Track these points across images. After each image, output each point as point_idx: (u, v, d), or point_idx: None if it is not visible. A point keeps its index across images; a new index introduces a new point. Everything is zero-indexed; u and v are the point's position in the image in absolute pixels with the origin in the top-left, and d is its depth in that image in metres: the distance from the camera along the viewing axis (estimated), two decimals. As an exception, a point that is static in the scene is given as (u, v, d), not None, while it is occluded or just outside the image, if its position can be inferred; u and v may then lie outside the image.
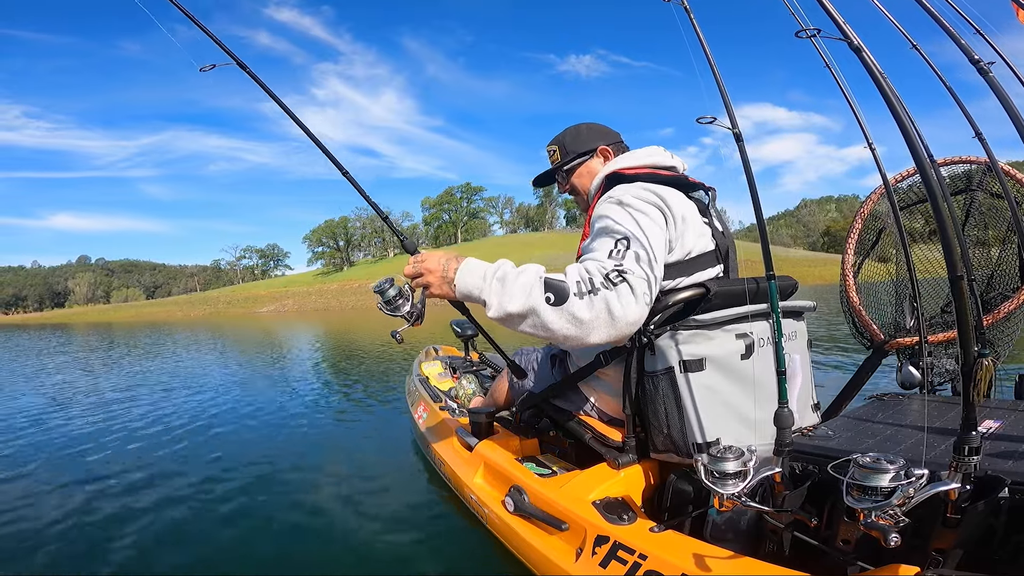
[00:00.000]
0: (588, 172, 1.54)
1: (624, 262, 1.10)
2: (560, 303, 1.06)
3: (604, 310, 1.05)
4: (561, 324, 1.06)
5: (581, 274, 1.08)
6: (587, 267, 1.10)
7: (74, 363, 7.70)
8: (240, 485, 2.17)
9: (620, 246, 1.12)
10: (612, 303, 1.05)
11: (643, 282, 1.09)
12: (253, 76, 1.46)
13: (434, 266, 1.20)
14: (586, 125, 1.59)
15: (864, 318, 1.96)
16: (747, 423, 1.26)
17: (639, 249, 1.12)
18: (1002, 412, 1.30)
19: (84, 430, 3.23)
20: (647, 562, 1.01)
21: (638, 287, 1.07)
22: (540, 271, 1.13)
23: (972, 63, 0.97)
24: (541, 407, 1.62)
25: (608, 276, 1.07)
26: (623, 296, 1.06)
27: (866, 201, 2.04)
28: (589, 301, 1.05)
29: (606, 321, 1.06)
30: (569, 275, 1.09)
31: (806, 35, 0.98)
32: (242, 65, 1.45)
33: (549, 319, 1.07)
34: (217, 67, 1.42)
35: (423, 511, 1.85)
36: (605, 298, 1.05)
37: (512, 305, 1.09)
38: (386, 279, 1.27)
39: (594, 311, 1.05)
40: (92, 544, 1.68)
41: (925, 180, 0.90)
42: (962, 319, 0.86)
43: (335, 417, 3.39)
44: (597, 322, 1.06)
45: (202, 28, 1.44)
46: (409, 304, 1.26)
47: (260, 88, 1.46)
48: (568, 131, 1.59)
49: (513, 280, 1.11)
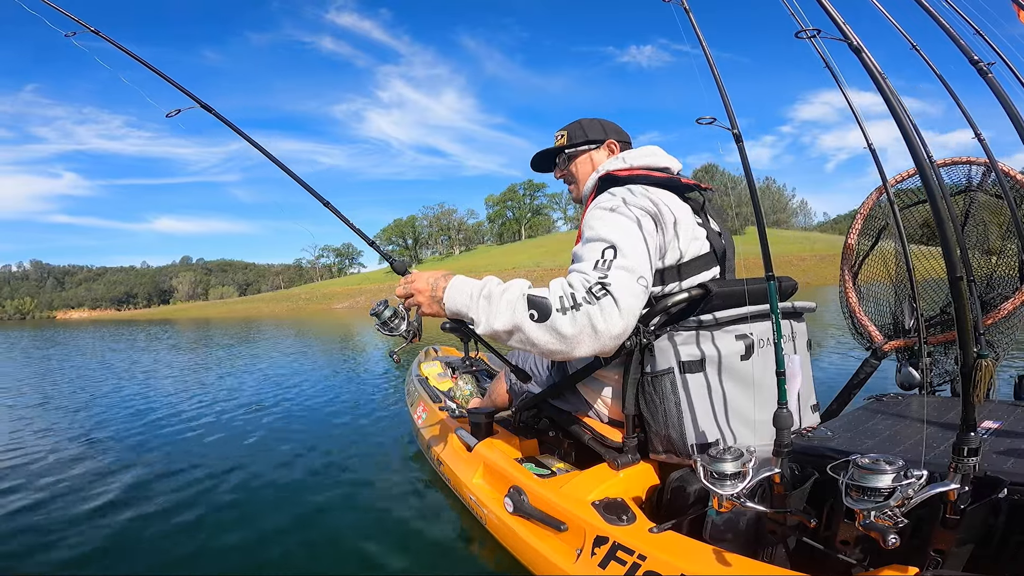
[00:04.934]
0: (590, 162, 1.53)
1: (609, 274, 1.08)
2: (543, 319, 1.06)
3: (587, 325, 1.05)
4: (546, 340, 1.07)
5: (564, 289, 1.08)
6: (571, 281, 1.09)
7: (180, 359, 7.80)
8: (238, 485, 2.17)
9: (607, 255, 1.11)
10: (595, 318, 1.05)
11: (627, 295, 1.07)
12: (220, 117, 1.55)
13: (423, 286, 1.22)
14: (602, 120, 1.58)
15: (863, 319, 1.96)
16: (747, 424, 1.26)
17: (625, 259, 1.11)
18: (1002, 412, 1.30)
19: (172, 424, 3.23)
20: (646, 563, 1.01)
21: (622, 300, 1.06)
22: (524, 287, 1.13)
23: (972, 63, 0.97)
24: (540, 408, 1.62)
25: (591, 290, 1.07)
26: (606, 310, 1.05)
27: (866, 201, 2.04)
28: (572, 317, 1.05)
29: (590, 336, 1.05)
30: (552, 290, 1.09)
31: (806, 35, 0.98)
32: (206, 107, 1.53)
33: (534, 335, 1.07)
34: (182, 111, 1.49)
35: (422, 511, 1.85)
36: (588, 313, 1.05)
37: (498, 323, 1.11)
38: (380, 302, 1.31)
39: (577, 326, 1.05)
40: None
41: (925, 180, 0.89)
42: (962, 320, 0.86)
43: (335, 417, 3.39)
44: (580, 337, 1.05)
45: (163, 76, 1.54)
46: (405, 323, 1.30)
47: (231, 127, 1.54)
48: (583, 120, 1.58)
49: (498, 298, 1.12)
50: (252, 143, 1.52)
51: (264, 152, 1.52)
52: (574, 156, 1.55)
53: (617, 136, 1.55)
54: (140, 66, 1.52)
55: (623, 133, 1.57)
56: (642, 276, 1.12)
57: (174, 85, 1.53)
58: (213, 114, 1.52)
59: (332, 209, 1.50)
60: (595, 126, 1.55)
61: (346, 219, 1.50)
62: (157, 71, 1.53)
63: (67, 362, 7.85)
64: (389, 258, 1.42)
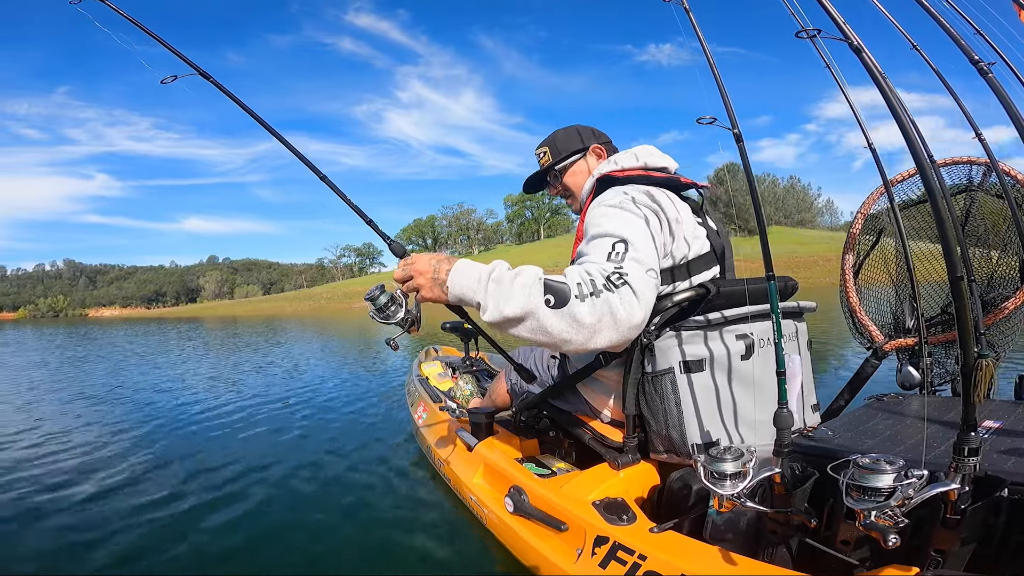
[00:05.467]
0: (581, 171, 1.53)
1: (624, 264, 1.06)
2: (561, 305, 1.01)
3: (608, 312, 1.00)
4: (562, 327, 1.01)
5: (582, 275, 1.03)
6: (587, 269, 1.05)
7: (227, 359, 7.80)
8: (236, 483, 2.17)
9: (618, 248, 1.09)
10: (615, 305, 1.00)
11: (644, 285, 1.05)
12: (217, 84, 1.48)
13: (424, 267, 1.13)
14: (576, 126, 1.58)
15: (864, 318, 1.96)
16: (747, 423, 1.26)
17: (637, 252, 1.09)
18: (1002, 412, 1.30)
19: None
20: (647, 563, 1.01)
21: (640, 289, 1.03)
22: (539, 272, 1.07)
23: (972, 63, 0.97)
24: (541, 408, 1.62)
25: (609, 278, 1.03)
26: (626, 298, 1.01)
27: (866, 201, 2.04)
28: (591, 304, 1.00)
29: (609, 324, 1.01)
30: (570, 276, 1.04)
31: (806, 35, 0.98)
32: (204, 74, 1.46)
33: (549, 322, 1.01)
34: (179, 78, 1.44)
35: (423, 511, 1.85)
36: (608, 300, 1.00)
37: (509, 308, 1.03)
38: (376, 286, 1.21)
39: (597, 313, 1.00)
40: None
41: (925, 180, 0.89)
42: (962, 319, 0.86)
43: (334, 417, 3.39)
44: (600, 325, 1.00)
45: (160, 40, 1.45)
46: (403, 310, 1.19)
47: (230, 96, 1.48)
48: (557, 133, 1.57)
49: (510, 282, 1.05)
50: (249, 112, 1.48)
51: (261, 122, 1.46)
52: (563, 171, 1.55)
53: (596, 139, 1.54)
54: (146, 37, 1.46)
55: (601, 134, 1.57)
56: (652, 269, 1.10)
57: (171, 51, 1.46)
58: (211, 81, 1.47)
59: (329, 183, 1.43)
60: (572, 135, 1.55)
61: (343, 194, 1.44)
62: (154, 35, 1.45)
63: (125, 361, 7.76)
64: (387, 238, 1.35)
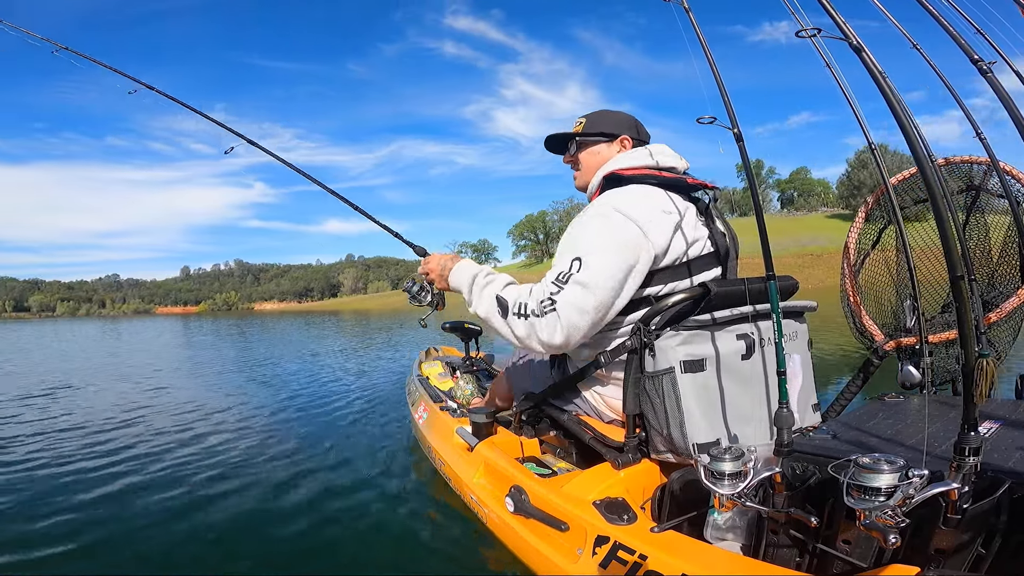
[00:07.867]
0: (599, 154, 1.51)
1: (565, 288, 1.21)
2: (504, 317, 1.27)
3: (532, 333, 1.23)
4: (506, 332, 1.28)
5: (522, 297, 1.26)
6: (532, 289, 1.26)
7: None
8: (236, 485, 2.17)
9: (573, 267, 1.22)
10: (539, 329, 1.22)
11: (573, 312, 1.19)
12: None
13: (435, 266, 1.49)
14: (624, 114, 1.56)
15: (864, 318, 1.96)
16: (748, 423, 1.26)
17: (588, 273, 1.19)
18: (1002, 412, 1.30)
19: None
20: (647, 562, 1.01)
21: (565, 318, 1.19)
22: (500, 285, 1.32)
23: (972, 63, 0.96)
24: (541, 407, 1.62)
25: (541, 302, 1.22)
26: (549, 325, 1.21)
27: (867, 200, 2.04)
28: (523, 322, 1.24)
29: (535, 342, 1.23)
30: (519, 293, 1.27)
31: (806, 35, 0.98)
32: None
33: (498, 326, 1.29)
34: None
35: (423, 511, 1.85)
36: (533, 324, 1.23)
37: (479, 309, 1.34)
38: (409, 280, 1.62)
39: (525, 330, 1.24)
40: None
41: (926, 180, 0.89)
42: (963, 319, 0.86)
43: (334, 417, 3.39)
44: (529, 340, 1.24)
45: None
46: (430, 295, 1.59)
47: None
48: (606, 112, 1.57)
49: (481, 288, 1.34)
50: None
51: (300, 172, 1.96)
52: (585, 145, 1.54)
53: (632, 133, 1.52)
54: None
55: (642, 131, 1.55)
56: (599, 291, 1.20)
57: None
58: (257, 147, 1.95)
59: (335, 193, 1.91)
60: (611, 120, 1.53)
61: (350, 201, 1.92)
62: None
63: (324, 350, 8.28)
64: (409, 243, 1.72)
